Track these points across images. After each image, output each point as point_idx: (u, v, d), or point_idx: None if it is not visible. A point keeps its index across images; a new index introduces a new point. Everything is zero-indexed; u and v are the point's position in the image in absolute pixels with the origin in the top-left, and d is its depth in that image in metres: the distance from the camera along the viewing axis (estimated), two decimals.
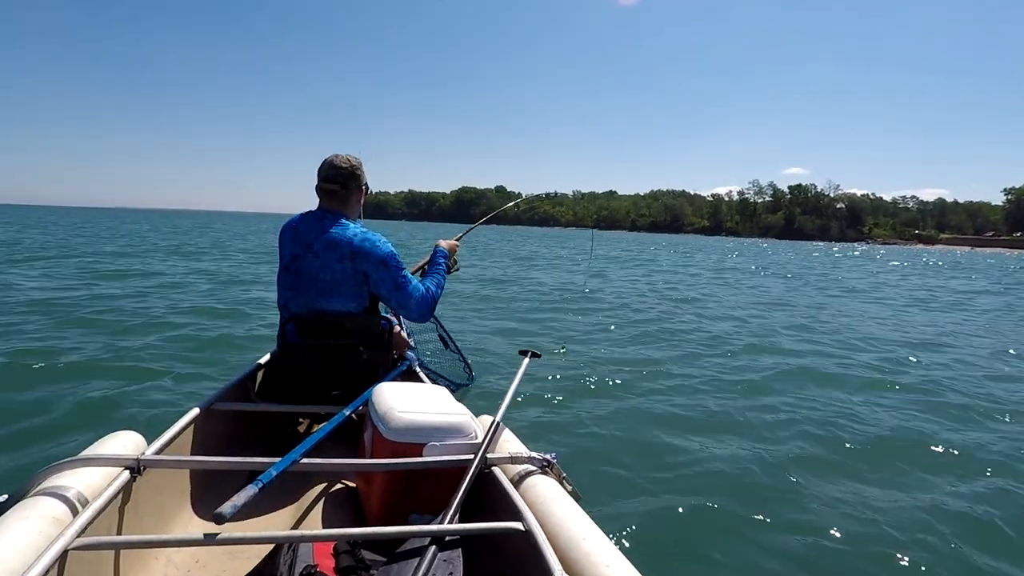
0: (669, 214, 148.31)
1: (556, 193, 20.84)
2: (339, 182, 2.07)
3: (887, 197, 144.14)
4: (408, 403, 1.57)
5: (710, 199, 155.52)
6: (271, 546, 1.30)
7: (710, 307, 10.23)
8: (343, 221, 2.05)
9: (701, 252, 38.60)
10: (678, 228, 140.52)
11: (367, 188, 2.23)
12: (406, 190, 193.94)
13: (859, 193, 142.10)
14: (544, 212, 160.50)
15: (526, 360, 2.33)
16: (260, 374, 2.27)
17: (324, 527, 1.51)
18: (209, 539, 1.14)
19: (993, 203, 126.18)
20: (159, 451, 1.51)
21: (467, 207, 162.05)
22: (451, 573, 1.16)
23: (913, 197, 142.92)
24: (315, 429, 2.19)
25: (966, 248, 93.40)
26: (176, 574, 1.39)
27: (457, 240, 2.55)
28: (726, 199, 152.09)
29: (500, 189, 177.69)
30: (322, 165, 2.11)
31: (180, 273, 11.94)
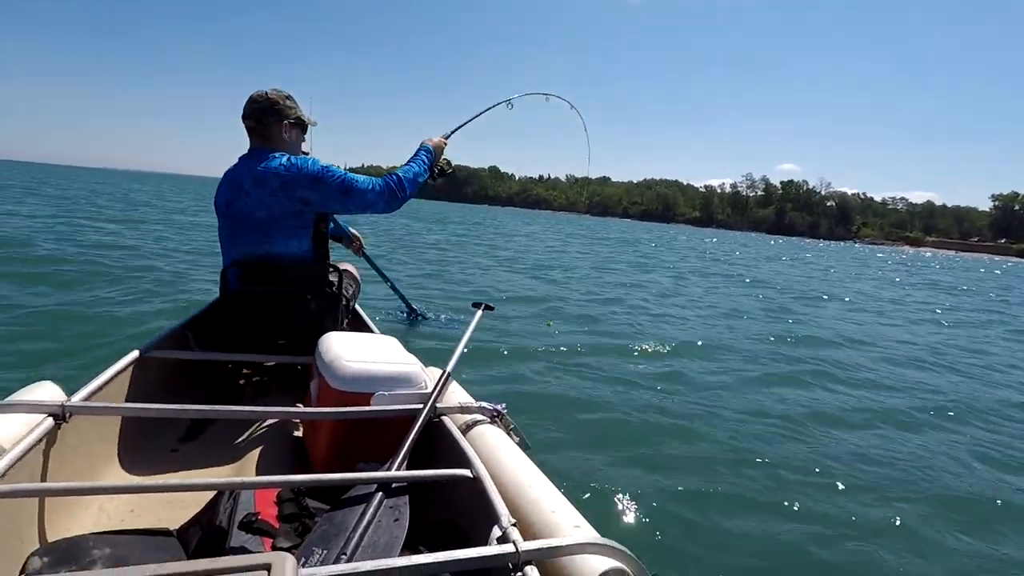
0: (661, 203, 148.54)
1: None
2: (254, 118, 1.98)
3: (877, 197, 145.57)
4: (356, 352, 1.52)
5: (703, 190, 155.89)
6: (212, 494, 1.24)
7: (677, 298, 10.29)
8: (270, 152, 1.95)
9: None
10: (670, 218, 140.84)
11: (304, 122, 2.11)
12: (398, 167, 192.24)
13: (850, 192, 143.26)
14: (537, 195, 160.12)
15: (479, 313, 2.29)
16: (200, 322, 2.17)
17: (271, 473, 1.46)
18: (143, 487, 1.07)
19: (980, 208, 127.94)
20: (86, 398, 1.43)
21: (460, 185, 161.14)
22: (397, 519, 1.11)
23: (902, 199, 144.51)
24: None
25: (951, 252, 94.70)
26: (109, 523, 1.30)
27: (445, 138, 2.44)
28: (718, 191, 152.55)
29: (493, 169, 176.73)
30: None
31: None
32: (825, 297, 11.54)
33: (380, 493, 1.15)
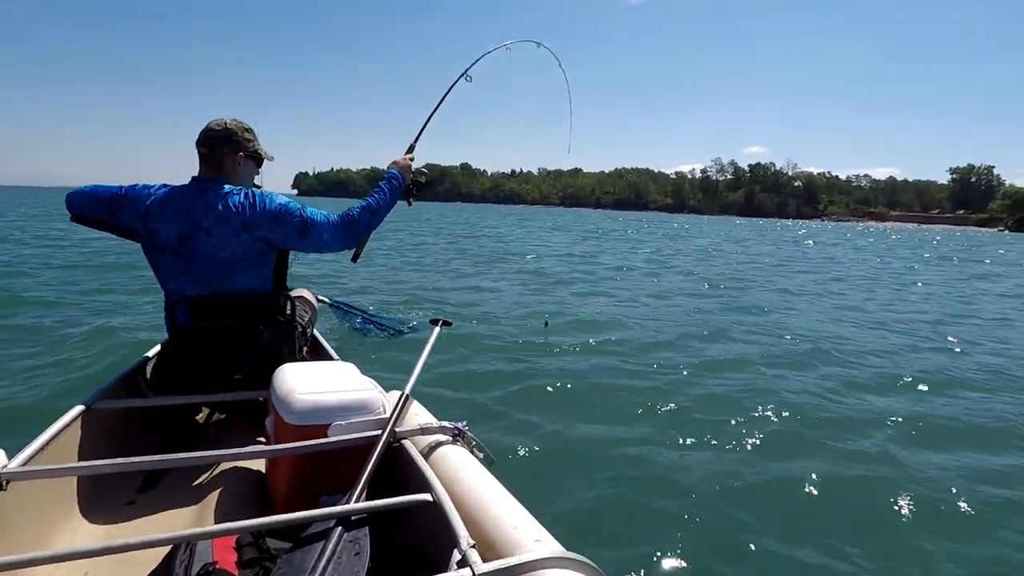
0: (633, 191, 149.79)
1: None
2: (208, 145, 1.92)
3: (842, 175, 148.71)
4: (310, 383, 1.50)
5: (673, 177, 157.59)
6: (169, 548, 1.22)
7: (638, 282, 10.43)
8: (227, 188, 1.89)
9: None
10: (643, 206, 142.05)
11: (259, 156, 2.06)
12: (368, 167, 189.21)
13: (816, 172, 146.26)
14: (510, 190, 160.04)
15: (437, 329, 2.26)
16: (151, 366, 2.08)
17: (230, 519, 1.42)
18: (93, 551, 1.03)
19: (939, 182, 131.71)
20: (26, 461, 1.36)
21: (431, 184, 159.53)
22: (358, 553, 1.11)
23: (866, 176, 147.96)
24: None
25: (913, 225, 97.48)
26: None
27: (408, 152, 2.37)
28: (689, 177, 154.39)
29: (465, 166, 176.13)
30: None
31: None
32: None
33: (339, 528, 1.15)
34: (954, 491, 2.76)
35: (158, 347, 2.18)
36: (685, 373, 4.51)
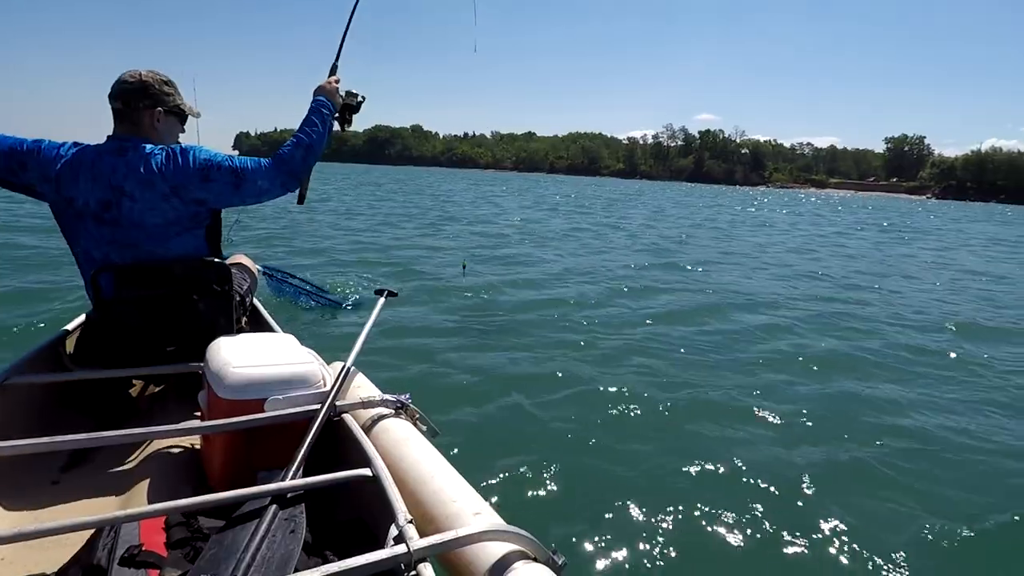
0: (587, 156, 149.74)
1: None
2: (122, 99, 1.76)
3: (787, 143, 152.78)
4: (245, 356, 1.44)
5: (626, 142, 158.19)
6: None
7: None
8: (149, 148, 1.74)
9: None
10: (595, 171, 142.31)
11: (183, 112, 1.91)
12: None
13: (762, 139, 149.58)
14: (463, 154, 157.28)
15: (381, 300, 2.22)
16: (74, 338, 1.96)
17: (161, 498, 1.37)
18: (9, 536, 0.97)
19: (876, 151, 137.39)
20: None
21: (381, 146, 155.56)
22: (293, 531, 1.10)
23: (809, 144, 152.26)
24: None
25: (851, 192, 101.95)
26: None
27: (331, 75, 2.10)
28: (641, 143, 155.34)
29: (416, 128, 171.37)
30: None
31: None
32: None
33: (274, 505, 1.13)
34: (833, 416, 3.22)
35: (81, 318, 2.05)
36: (625, 331, 4.66)
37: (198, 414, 1.81)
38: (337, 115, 2.07)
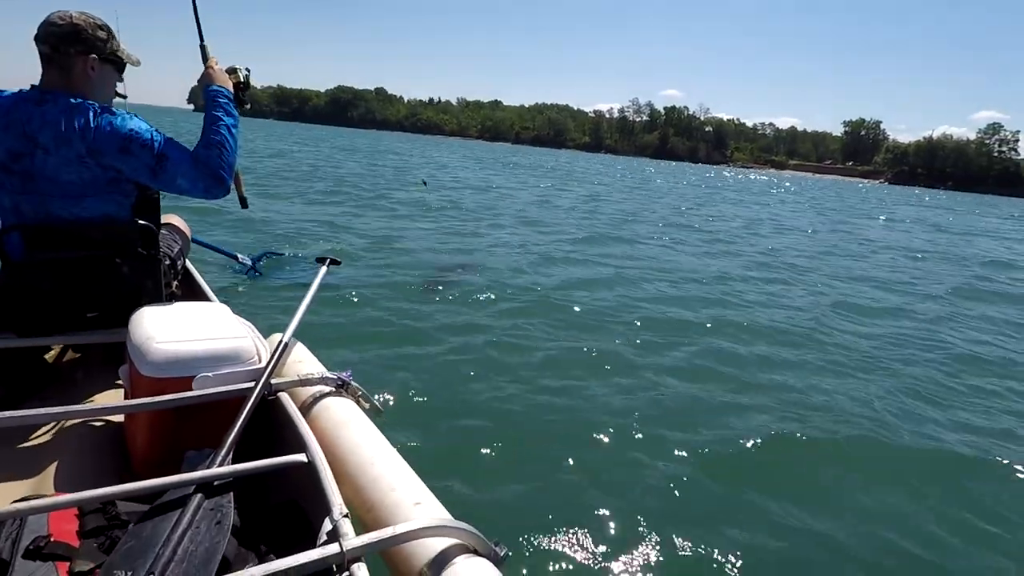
0: (552, 128, 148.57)
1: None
2: (50, 44, 1.60)
3: (749, 123, 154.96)
4: (171, 330, 1.34)
5: (592, 115, 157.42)
6: None
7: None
8: (72, 102, 1.59)
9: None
10: (561, 143, 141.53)
11: (120, 60, 1.75)
12: (275, 85, 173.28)
13: (726, 118, 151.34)
14: (428, 120, 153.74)
15: (323, 269, 2.10)
16: None
17: (78, 481, 1.27)
18: None
19: (834, 134, 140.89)
20: None
21: (344, 108, 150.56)
22: (219, 522, 1.03)
23: (770, 124, 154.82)
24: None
25: (809, 173, 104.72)
26: None
27: (213, 61, 1.89)
28: (607, 116, 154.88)
29: (380, 91, 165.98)
30: None
31: None
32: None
33: (200, 495, 1.06)
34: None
35: None
36: (576, 309, 4.67)
37: (102, 404, 1.70)
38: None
